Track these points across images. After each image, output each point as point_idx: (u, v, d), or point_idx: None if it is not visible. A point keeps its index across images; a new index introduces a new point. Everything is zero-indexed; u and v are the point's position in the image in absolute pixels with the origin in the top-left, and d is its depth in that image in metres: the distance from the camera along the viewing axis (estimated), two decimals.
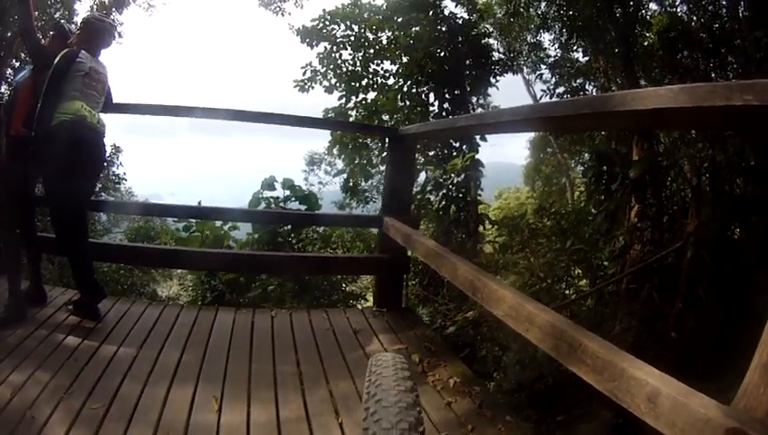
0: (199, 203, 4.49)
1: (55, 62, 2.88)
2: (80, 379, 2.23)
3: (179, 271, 10.42)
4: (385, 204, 3.79)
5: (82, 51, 3.00)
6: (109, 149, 10.94)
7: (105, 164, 8.16)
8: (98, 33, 3.14)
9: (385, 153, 9.55)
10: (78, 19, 10.43)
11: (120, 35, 11.30)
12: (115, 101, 3.37)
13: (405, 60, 10.19)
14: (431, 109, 9.89)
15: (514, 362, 4.97)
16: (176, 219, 6.37)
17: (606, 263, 6.83)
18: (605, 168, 7.75)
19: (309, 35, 10.77)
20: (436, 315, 5.46)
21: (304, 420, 2.03)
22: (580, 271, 6.57)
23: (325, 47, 10.84)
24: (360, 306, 5.53)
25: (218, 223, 6.11)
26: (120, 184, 11.74)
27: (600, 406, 4.02)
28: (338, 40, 10.82)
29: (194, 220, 5.98)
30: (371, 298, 4.70)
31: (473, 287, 1.90)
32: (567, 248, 6.17)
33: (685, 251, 6.33)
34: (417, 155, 9.28)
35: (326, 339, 2.94)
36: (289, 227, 6.35)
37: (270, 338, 2.91)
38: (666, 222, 7.45)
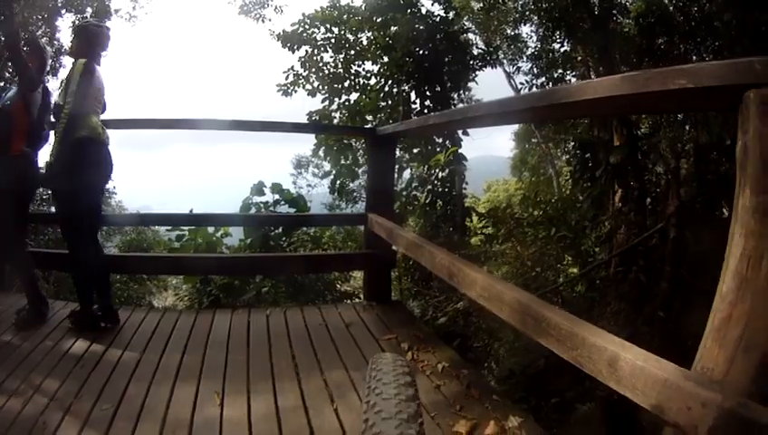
0: (191, 211, 4.59)
1: (80, 75, 2.86)
2: (87, 384, 2.32)
3: (174, 282, 10.54)
4: (369, 202, 3.92)
5: (95, 63, 2.99)
6: None
7: None
8: (97, 37, 3.09)
9: None
10: (60, 36, 10.47)
11: None
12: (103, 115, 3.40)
13: (385, 60, 10.29)
14: (413, 107, 9.99)
15: (505, 349, 5.11)
16: (169, 229, 6.44)
17: (596, 249, 6.99)
18: (588, 155, 7.91)
19: (290, 40, 10.81)
20: (427, 308, 5.59)
21: (302, 408, 2.16)
22: (570, 258, 6.71)
23: (306, 50, 10.87)
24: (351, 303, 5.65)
25: (210, 230, 6.21)
26: (110, 198, 11.73)
27: (593, 386, 4.17)
28: (318, 43, 10.86)
29: (186, 229, 6.07)
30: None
31: (449, 273, 2.05)
32: (553, 236, 6.31)
33: (667, 232, 6.52)
34: (401, 153, 9.48)
35: (319, 333, 3.07)
36: (280, 230, 6.47)
37: (266, 335, 3.03)
38: (649, 205, 7.64)
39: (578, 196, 7.91)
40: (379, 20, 10.25)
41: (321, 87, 10.90)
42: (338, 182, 10.81)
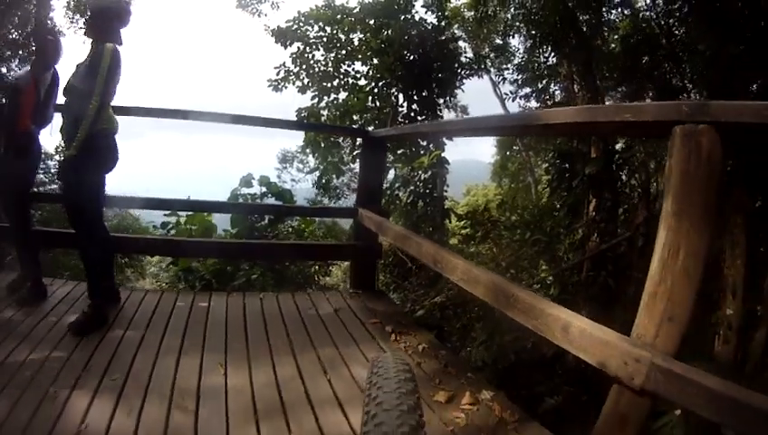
0: (188, 197, 4.78)
1: (109, 64, 2.71)
2: (94, 358, 2.43)
3: (152, 269, 10.65)
4: (359, 197, 4.18)
5: (118, 48, 2.79)
6: None
7: None
8: (119, 15, 2.87)
9: (356, 152, 10.02)
10: (55, 15, 10.38)
11: None
12: None
13: (375, 62, 10.52)
14: (400, 110, 10.25)
15: (478, 344, 5.41)
16: (167, 213, 6.56)
17: (570, 255, 7.33)
18: (567, 165, 8.24)
19: (283, 36, 10.95)
20: (406, 301, 5.86)
21: (299, 379, 2.39)
22: (544, 264, 7.03)
23: (298, 47, 11.03)
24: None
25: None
26: None
27: (561, 383, 4.48)
28: (311, 40, 11.02)
29: (175, 218, 6.23)
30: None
31: (434, 260, 2.36)
32: (528, 239, 6.62)
33: (635, 241, 6.91)
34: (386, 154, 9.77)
35: (310, 316, 3.32)
36: (266, 222, 6.70)
37: (261, 315, 3.26)
38: (621, 215, 8.01)
39: (555, 204, 8.25)
40: (371, 22, 10.46)
41: (310, 84, 11.09)
42: (324, 178, 11.03)
